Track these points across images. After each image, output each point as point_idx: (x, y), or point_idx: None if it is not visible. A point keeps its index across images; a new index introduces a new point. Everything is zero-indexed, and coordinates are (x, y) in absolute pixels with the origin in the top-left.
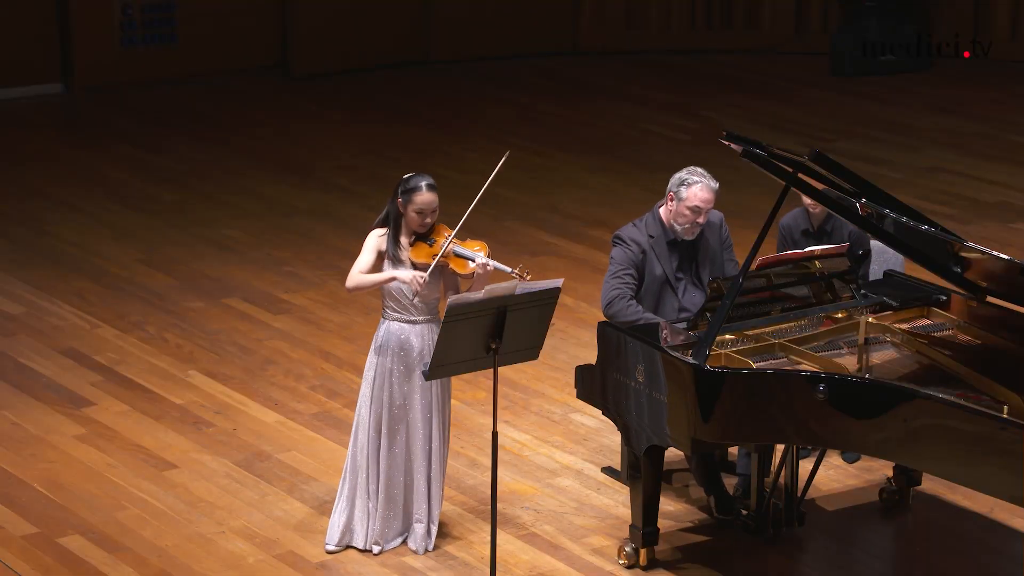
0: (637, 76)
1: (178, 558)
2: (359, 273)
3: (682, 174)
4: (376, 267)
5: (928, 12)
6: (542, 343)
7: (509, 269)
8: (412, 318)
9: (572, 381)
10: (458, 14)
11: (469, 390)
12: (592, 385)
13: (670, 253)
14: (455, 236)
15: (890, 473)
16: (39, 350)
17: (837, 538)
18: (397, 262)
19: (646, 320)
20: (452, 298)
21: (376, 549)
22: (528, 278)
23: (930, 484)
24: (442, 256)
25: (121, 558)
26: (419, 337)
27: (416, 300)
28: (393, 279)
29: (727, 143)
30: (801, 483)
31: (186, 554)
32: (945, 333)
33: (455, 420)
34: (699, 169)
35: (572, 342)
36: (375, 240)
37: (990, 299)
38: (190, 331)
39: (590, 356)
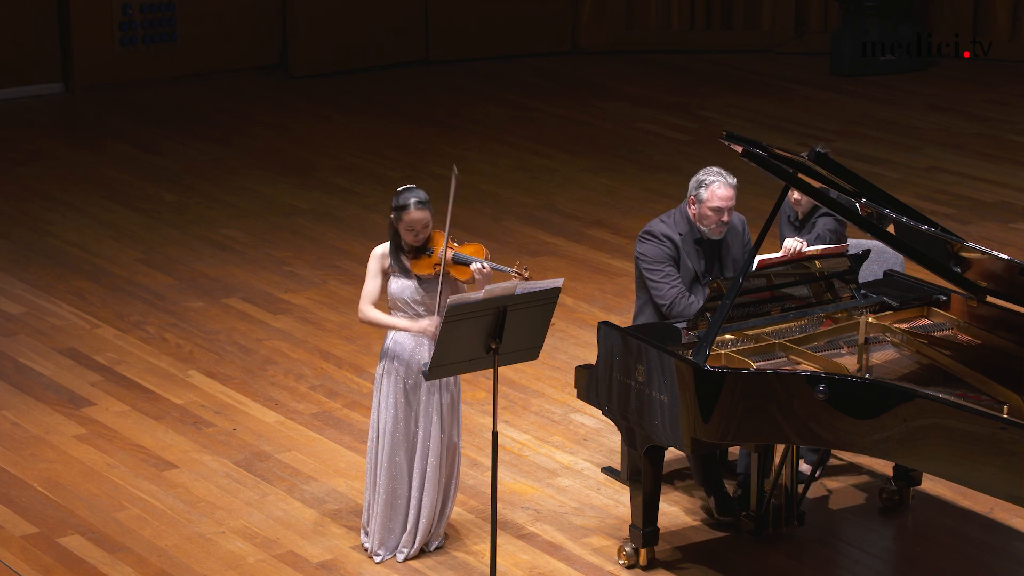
0: (637, 76)
1: (178, 558)
2: (371, 307)
3: (699, 175)
4: (383, 288)
5: (928, 12)
6: (542, 343)
7: (508, 269)
8: None
9: (572, 381)
10: (458, 14)
11: (469, 390)
12: (592, 385)
13: (697, 252)
14: (450, 240)
15: (890, 473)
16: (39, 350)
17: (837, 538)
18: (403, 273)
19: None
20: (452, 298)
21: (377, 558)
22: (527, 275)
23: (930, 484)
24: (443, 266)
25: (121, 558)
26: (425, 346)
27: (422, 311)
28: (407, 330)
29: (727, 143)
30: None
31: (186, 554)
32: (945, 333)
33: None
34: (715, 168)
35: (572, 342)
36: (377, 262)
37: (990, 299)
38: (190, 331)
39: (590, 356)
